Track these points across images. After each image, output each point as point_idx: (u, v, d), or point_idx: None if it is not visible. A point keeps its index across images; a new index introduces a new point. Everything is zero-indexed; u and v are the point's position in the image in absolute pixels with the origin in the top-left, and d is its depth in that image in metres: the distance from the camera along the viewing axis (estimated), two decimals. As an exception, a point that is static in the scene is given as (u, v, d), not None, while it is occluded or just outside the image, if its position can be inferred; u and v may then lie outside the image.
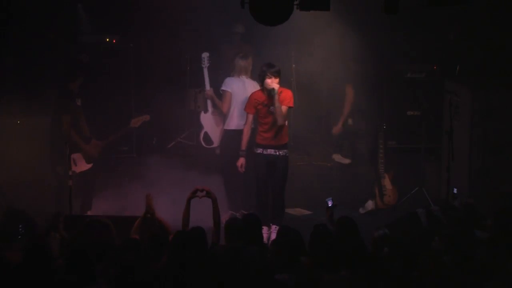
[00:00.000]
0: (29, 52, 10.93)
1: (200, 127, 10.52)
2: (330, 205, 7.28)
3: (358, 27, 11.19)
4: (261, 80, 9.03)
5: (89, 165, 9.71)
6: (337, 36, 11.15)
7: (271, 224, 9.09)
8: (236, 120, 9.73)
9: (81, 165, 9.70)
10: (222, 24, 11.78)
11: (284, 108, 8.96)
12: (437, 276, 5.97)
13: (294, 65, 11.58)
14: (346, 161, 11.56)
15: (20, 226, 8.01)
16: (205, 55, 10.27)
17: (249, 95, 9.41)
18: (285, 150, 9.10)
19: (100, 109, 10.56)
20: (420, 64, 11.67)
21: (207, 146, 10.48)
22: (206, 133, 10.45)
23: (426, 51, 11.81)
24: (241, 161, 9.24)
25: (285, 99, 8.99)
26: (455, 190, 9.26)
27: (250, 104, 9.16)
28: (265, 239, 8.78)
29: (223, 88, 9.81)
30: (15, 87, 10.87)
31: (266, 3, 8.35)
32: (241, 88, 9.74)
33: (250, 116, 9.20)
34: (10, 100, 10.74)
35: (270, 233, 9.04)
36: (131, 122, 9.89)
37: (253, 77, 9.76)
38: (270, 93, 8.92)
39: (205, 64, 10.28)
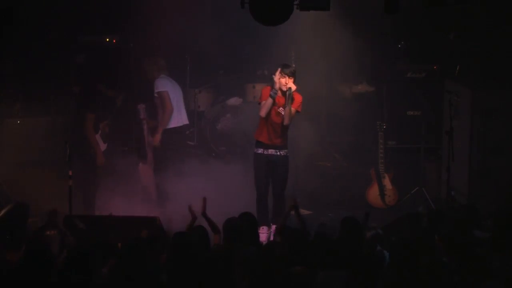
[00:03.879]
0: (29, 53, 10.93)
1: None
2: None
3: (358, 27, 11.20)
4: (275, 80, 8.99)
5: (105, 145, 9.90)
6: (337, 36, 11.15)
7: (271, 224, 9.09)
8: (176, 117, 10.00)
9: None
10: (222, 24, 11.78)
11: (292, 110, 8.96)
12: (437, 276, 5.97)
13: (294, 65, 11.58)
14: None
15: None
16: (141, 107, 10.07)
17: (178, 92, 10.06)
18: (285, 150, 9.10)
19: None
20: (420, 64, 11.68)
21: None
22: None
23: (426, 51, 11.83)
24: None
25: (296, 102, 8.99)
26: (453, 193, 9.29)
27: (263, 95, 9.02)
28: (265, 239, 8.79)
29: (160, 89, 9.91)
30: (15, 88, 10.87)
31: (266, 3, 8.35)
32: (172, 86, 10.08)
33: (262, 103, 8.99)
34: (10, 101, 10.76)
35: (270, 233, 9.04)
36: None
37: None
38: (286, 92, 8.87)
39: (142, 115, 10.12)
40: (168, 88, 10.01)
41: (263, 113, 8.95)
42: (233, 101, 11.84)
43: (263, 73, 12.04)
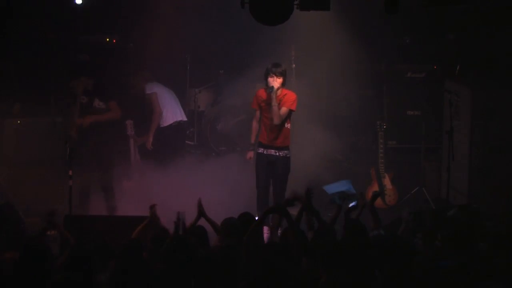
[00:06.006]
0: (30, 53, 10.93)
1: None
2: (350, 205, 7.30)
3: (358, 27, 11.20)
4: (265, 79, 9.04)
5: None
6: (337, 36, 11.16)
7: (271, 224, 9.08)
8: (171, 114, 10.42)
9: None
10: (222, 24, 11.79)
11: (283, 109, 8.95)
12: (435, 275, 5.98)
13: (294, 65, 11.59)
14: None
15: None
16: (129, 122, 10.16)
17: (169, 92, 10.50)
18: (285, 151, 9.12)
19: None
20: (420, 64, 11.68)
21: None
22: None
23: (426, 51, 11.83)
24: (250, 154, 9.25)
25: (287, 101, 9.00)
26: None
27: (255, 101, 9.19)
28: (266, 239, 8.78)
29: (147, 92, 10.40)
30: (15, 88, 10.87)
31: (266, 3, 8.35)
32: (161, 87, 10.52)
33: (257, 112, 9.24)
34: (10, 101, 10.75)
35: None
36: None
37: None
38: (268, 91, 8.95)
39: (129, 132, 10.19)
40: (155, 89, 10.41)
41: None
42: (233, 101, 11.84)
43: (263, 73, 12.02)
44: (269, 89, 8.94)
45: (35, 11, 10.74)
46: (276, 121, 8.95)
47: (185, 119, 10.72)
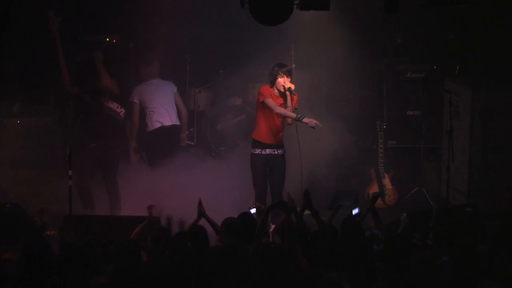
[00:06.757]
0: (29, 53, 10.93)
1: None
2: (354, 213, 7.33)
3: (358, 26, 11.21)
4: (272, 80, 8.97)
5: None
6: (337, 36, 11.16)
7: (271, 224, 9.08)
8: (159, 118, 10.14)
9: None
10: (222, 24, 11.79)
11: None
12: (434, 275, 5.98)
13: (294, 65, 11.59)
14: None
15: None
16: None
17: (163, 92, 10.18)
18: (282, 149, 9.13)
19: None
20: (420, 64, 11.68)
21: None
22: None
23: (426, 51, 11.84)
24: (308, 119, 8.78)
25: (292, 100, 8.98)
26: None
27: (265, 93, 8.92)
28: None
29: (130, 99, 10.11)
30: (15, 88, 10.87)
31: (266, 3, 8.35)
32: (151, 89, 10.20)
33: (270, 100, 8.85)
34: (10, 101, 10.76)
35: (270, 232, 9.02)
36: None
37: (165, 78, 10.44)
38: (287, 91, 8.83)
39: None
40: (137, 96, 10.11)
41: (278, 110, 8.81)
42: (233, 101, 11.84)
43: (263, 73, 12.04)
44: (290, 90, 8.82)
45: (35, 11, 10.73)
46: (291, 121, 8.95)
47: (175, 123, 10.42)
